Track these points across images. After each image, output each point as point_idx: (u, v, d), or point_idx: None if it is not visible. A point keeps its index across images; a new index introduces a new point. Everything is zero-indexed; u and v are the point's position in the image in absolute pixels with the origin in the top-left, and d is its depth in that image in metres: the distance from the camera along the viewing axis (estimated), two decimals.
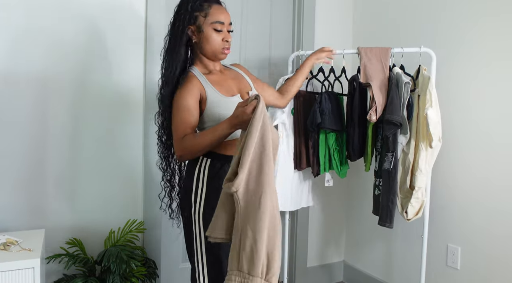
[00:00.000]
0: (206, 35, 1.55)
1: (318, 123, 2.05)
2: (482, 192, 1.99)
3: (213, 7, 1.55)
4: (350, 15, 2.76)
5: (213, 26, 1.54)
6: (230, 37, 1.58)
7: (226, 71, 1.70)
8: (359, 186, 2.65)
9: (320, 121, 2.05)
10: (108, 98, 2.07)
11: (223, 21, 1.55)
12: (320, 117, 2.05)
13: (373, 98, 1.94)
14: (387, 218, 1.99)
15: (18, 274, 1.49)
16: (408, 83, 1.91)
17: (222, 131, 1.44)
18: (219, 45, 1.56)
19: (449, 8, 2.13)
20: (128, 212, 2.15)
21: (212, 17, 1.54)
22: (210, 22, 1.54)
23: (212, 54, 1.58)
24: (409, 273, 2.35)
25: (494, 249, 1.95)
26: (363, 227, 2.67)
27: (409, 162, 2.03)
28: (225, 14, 1.57)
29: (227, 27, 1.58)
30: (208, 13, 1.54)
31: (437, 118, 1.92)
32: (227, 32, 1.58)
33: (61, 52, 1.95)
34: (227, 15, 1.57)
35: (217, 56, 1.59)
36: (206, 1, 1.55)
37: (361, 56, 2.03)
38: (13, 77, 1.87)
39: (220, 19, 1.54)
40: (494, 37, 1.93)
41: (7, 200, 1.89)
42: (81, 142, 2.02)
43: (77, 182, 2.03)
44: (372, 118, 1.92)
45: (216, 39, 1.55)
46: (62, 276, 1.98)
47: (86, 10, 1.98)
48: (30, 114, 1.91)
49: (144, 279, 2.02)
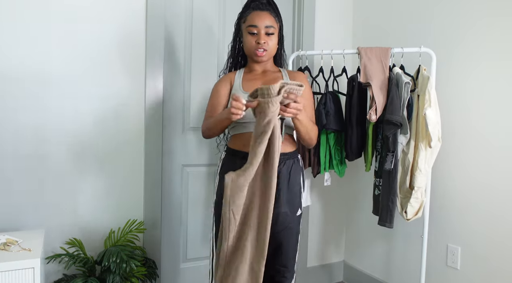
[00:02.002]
0: (244, 38, 1.71)
1: (324, 124, 2.05)
2: (482, 192, 1.99)
3: (252, 13, 1.68)
4: (350, 15, 2.75)
5: (248, 30, 1.67)
6: (264, 39, 1.65)
7: (272, 73, 1.76)
8: (359, 186, 2.65)
9: (326, 122, 2.05)
10: (109, 98, 2.07)
11: (256, 24, 1.65)
12: (325, 118, 2.05)
13: (373, 98, 1.94)
14: (387, 218, 2.00)
15: (18, 274, 1.49)
16: (408, 83, 1.91)
17: (221, 115, 1.58)
18: (252, 47, 1.67)
19: (449, 8, 2.13)
20: (128, 212, 2.15)
21: (248, 21, 1.68)
22: (246, 26, 1.68)
23: (249, 55, 1.72)
24: (409, 273, 2.35)
25: (494, 249, 1.95)
26: (363, 227, 2.67)
27: (408, 162, 2.03)
28: (261, 18, 1.65)
29: (264, 29, 1.65)
30: (246, 19, 1.69)
31: (436, 118, 1.92)
32: (263, 34, 1.65)
33: (61, 52, 1.95)
34: (263, 19, 1.65)
35: (253, 57, 1.71)
36: (249, 9, 1.71)
37: (361, 56, 2.03)
38: (12, 75, 1.87)
39: (253, 22, 1.65)
40: (494, 37, 1.93)
41: (7, 200, 1.89)
42: (81, 141, 2.02)
43: (77, 182, 2.03)
44: (372, 118, 1.92)
45: (249, 41, 1.67)
46: (62, 276, 1.98)
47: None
48: (30, 113, 1.91)
49: (144, 279, 2.03)
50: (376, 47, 2.04)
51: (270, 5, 1.72)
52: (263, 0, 1.71)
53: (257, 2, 1.70)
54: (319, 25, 2.62)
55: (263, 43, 1.65)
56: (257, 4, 1.70)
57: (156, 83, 2.17)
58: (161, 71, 2.17)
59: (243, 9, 1.74)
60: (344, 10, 2.74)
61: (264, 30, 1.65)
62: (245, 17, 1.70)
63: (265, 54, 1.67)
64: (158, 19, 2.15)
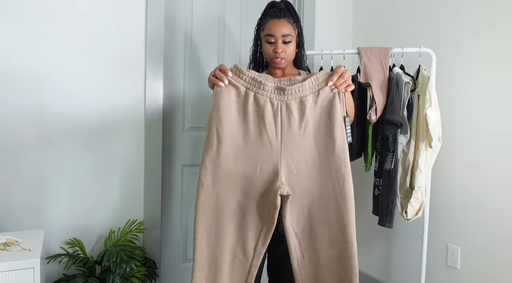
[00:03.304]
0: (263, 45, 1.74)
1: None
2: (482, 192, 1.99)
3: (269, 21, 1.69)
4: (350, 15, 2.75)
5: (266, 39, 1.69)
6: (281, 48, 1.67)
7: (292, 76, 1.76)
8: (359, 186, 2.65)
9: None
10: (109, 97, 2.07)
11: (273, 33, 1.67)
12: None
13: (373, 98, 1.94)
14: (387, 218, 2.00)
15: (18, 274, 1.49)
16: (408, 83, 1.91)
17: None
18: (270, 55, 1.70)
19: (449, 8, 2.13)
20: (128, 212, 2.15)
21: (265, 31, 1.70)
22: (263, 35, 1.71)
23: (268, 62, 1.75)
24: (409, 273, 2.35)
25: (494, 249, 1.95)
26: (363, 227, 2.67)
27: (408, 162, 2.03)
28: (278, 27, 1.67)
29: (281, 38, 1.67)
30: (264, 28, 1.71)
31: (436, 118, 1.92)
32: (281, 43, 1.67)
33: (61, 52, 1.95)
34: (280, 28, 1.67)
35: (271, 64, 1.74)
36: (266, 17, 1.72)
37: (361, 56, 2.03)
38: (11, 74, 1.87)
39: (270, 31, 1.68)
40: (494, 37, 1.93)
41: (7, 200, 1.89)
42: (81, 141, 2.02)
43: (77, 182, 2.03)
44: (372, 118, 1.92)
45: (267, 50, 1.71)
46: (62, 276, 1.98)
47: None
48: (29, 112, 1.91)
49: (144, 279, 2.02)
50: (376, 47, 2.04)
51: (288, 11, 1.71)
52: (281, 5, 1.71)
53: (275, 8, 1.70)
54: (319, 25, 2.62)
55: (280, 52, 1.67)
56: (275, 11, 1.70)
57: (156, 83, 2.17)
58: (161, 71, 2.17)
59: (262, 16, 1.75)
60: (344, 10, 2.74)
61: (281, 39, 1.67)
62: (264, 25, 1.71)
63: (283, 61, 1.70)
64: (158, 18, 2.15)
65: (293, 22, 1.71)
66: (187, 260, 2.39)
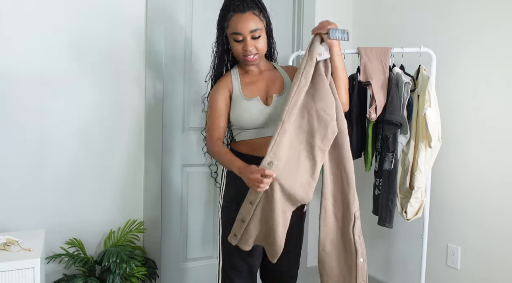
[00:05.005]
0: (231, 43, 1.60)
1: None
2: (482, 192, 1.99)
3: (232, 17, 1.55)
4: (350, 15, 2.75)
5: (232, 37, 1.57)
6: (251, 45, 1.55)
7: (269, 72, 1.68)
8: (359, 186, 2.64)
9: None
10: (109, 97, 2.07)
11: (239, 31, 1.53)
12: None
13: (373, 96, 1.94)
14: (386, 218, 2.00)
15: (18, 274, 1.49)
16: (408, 83, 1.91)
17: (233, 168, 1.53)
18: (241, 53, 1.58)
19: (449, 8, 2.13)
20: (128, 212, 2.16)
21: (231, 28, 1.56)
22: (229, 33, 1.58)
23: (240, 60, 1.64)
24: (409, 273, 2.35)
25: (494, 249, 1.95)
26: (363, 227, 2.66)
27: (408, 162, 2.03)
28: (243, 23, 1.52)
29: (249, 35, 1.53)
30: (228, 25, 1.57)
31: (436, 118, 1.92)
32: (250, 40, 1.54)
33: (61, 51, 1.95)
34: (246, 24, 1.53)
35: (243, 62, 1.63)
36: (229, 12, 1.56)
37: (361, 56, 2.03)
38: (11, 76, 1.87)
39: (236, 30, 1.54)
40: (494, 37, 1.93)
41: (7, 200, 1.89)
42: (81, 141, 2.02)
43: (77, 182, 2.03)
44: (371, 116, 1.92)
45: (236, 49, 1.58)
46: (62, 276, 1.98)
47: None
48: (30, 112, 1.91)
49: (144, 279, 2.03)
50: (376, 47, 2.04)
51: (251, 0, 1.55)
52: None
53: (236, 1, 1.54)
54: None
55: (251, 50, 1.55)
56: (237, 4, 1.53)
57: (156, 83, 2.17)
58: (161, 70, 2.17)
59: (223, 10, 1.60)
60: (344, 10, 2.74)
61: (250, 35, 1.53)
62: (227, 21, 1.56)
63: (256, 57, 1.58)
64: (158, 18, 2.15)
65: (259, 12, 1.56)
66: (187, 260, 2.39)
